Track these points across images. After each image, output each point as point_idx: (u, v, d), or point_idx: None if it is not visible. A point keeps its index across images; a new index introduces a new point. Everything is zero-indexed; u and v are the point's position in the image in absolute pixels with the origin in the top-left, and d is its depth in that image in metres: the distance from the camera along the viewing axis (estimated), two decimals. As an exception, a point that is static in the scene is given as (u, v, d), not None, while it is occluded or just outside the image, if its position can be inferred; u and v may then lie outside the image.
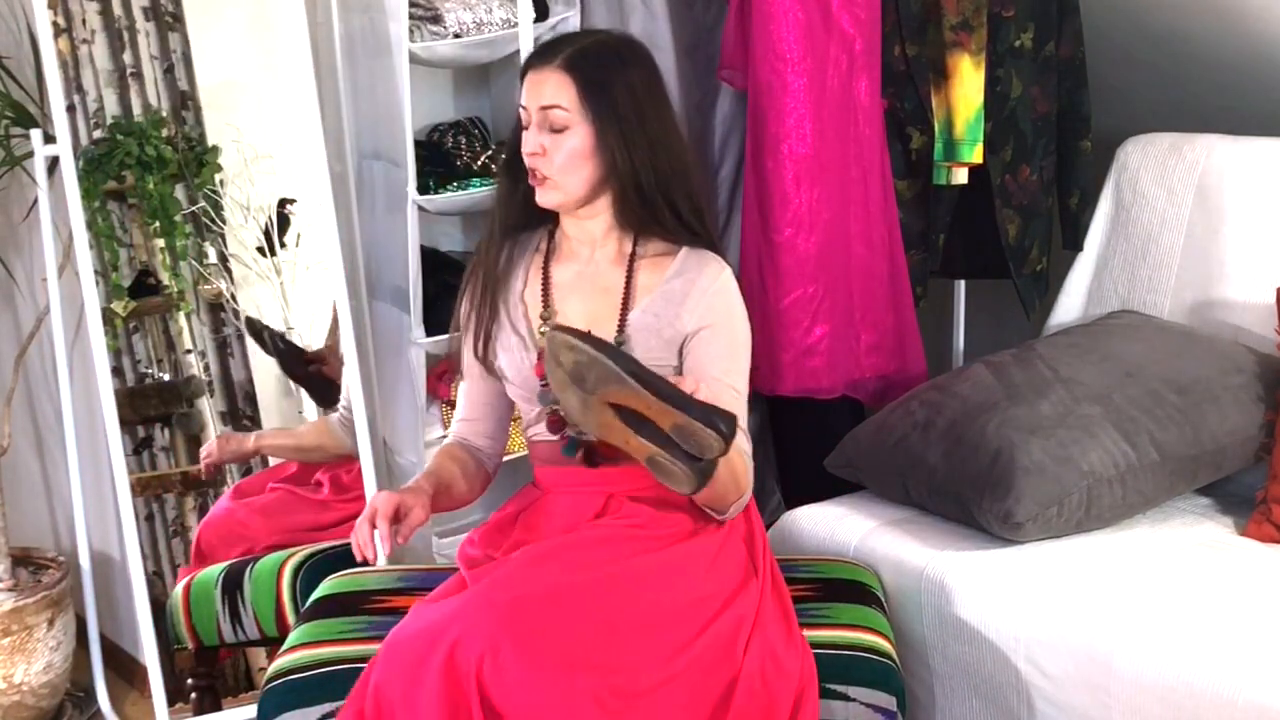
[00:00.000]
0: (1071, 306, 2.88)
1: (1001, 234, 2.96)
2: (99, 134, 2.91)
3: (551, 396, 2.04)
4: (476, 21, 2.78)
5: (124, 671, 3.17)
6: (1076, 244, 2.95)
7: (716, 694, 1.89)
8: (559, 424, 2.10)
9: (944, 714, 2.29)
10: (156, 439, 3.04)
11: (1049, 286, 3.04)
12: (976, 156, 2.86)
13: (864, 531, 2.42)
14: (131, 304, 2.94)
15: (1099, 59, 2.99)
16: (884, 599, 2.27)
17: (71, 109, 2.82)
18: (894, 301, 2.89)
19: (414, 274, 2.74)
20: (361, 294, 2.95)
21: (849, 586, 2.25)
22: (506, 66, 2.89)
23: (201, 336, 3.04)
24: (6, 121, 2.87)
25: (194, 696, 2.81)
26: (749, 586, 2.01)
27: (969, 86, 2.84)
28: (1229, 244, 2.64)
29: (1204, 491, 2.48)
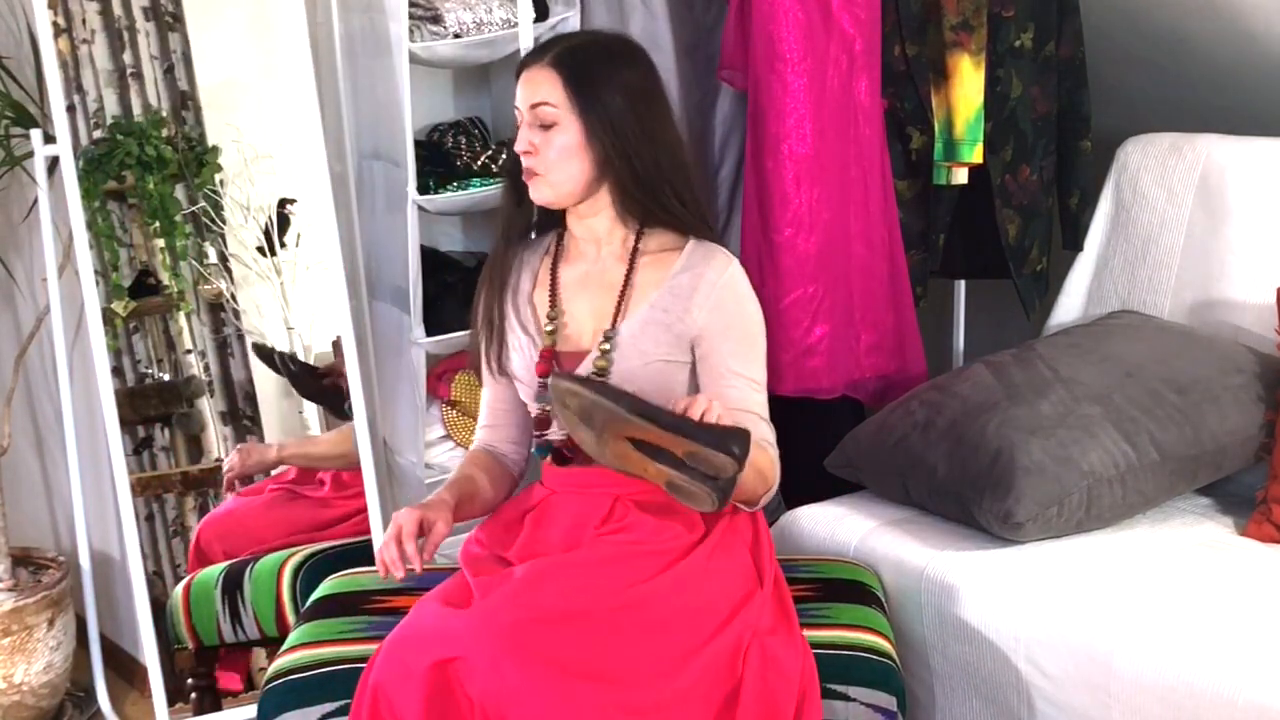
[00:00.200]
0: (1071, 306, 2.88)
1: (1001, 234, 2.96)
2: (99, 134, 2.91)
3: (549, 399, 2.05)
4: (476, 21, 2.78)
5: (124, 671, 3.17)
6: (1076, 244, 2.95)
7: (720, 702, 1.89)
8: (545, 424, 2.11)
9: (944, 714, 2.29)
10: (156, 439, 3.04)
11: (1049, 286, 3.04)
12: (976, 156, 2.86)
13: (864, 531, 2.42)
14: (131, 304, 2.94)
15: (1099, 59, 2.99)
16: (884, 599, 2.27)
17: (71, 109, 2.82)
18: (894, 301, 2.88)
19: (414, 274, 2.74)
20: (361, 294, 2.95)
21: (849, 586, 2.25)
22: (506, 66, 2.89)
23: (201, 336, 3.04)
24: (6, 121, 2.87)
25: (194, 696, 2.81)
26: (754, 599, 2.00)
27: (969, 86, 2.84)
28: (1229, 244, 2.63)
29: (1204, 491, 2.48)
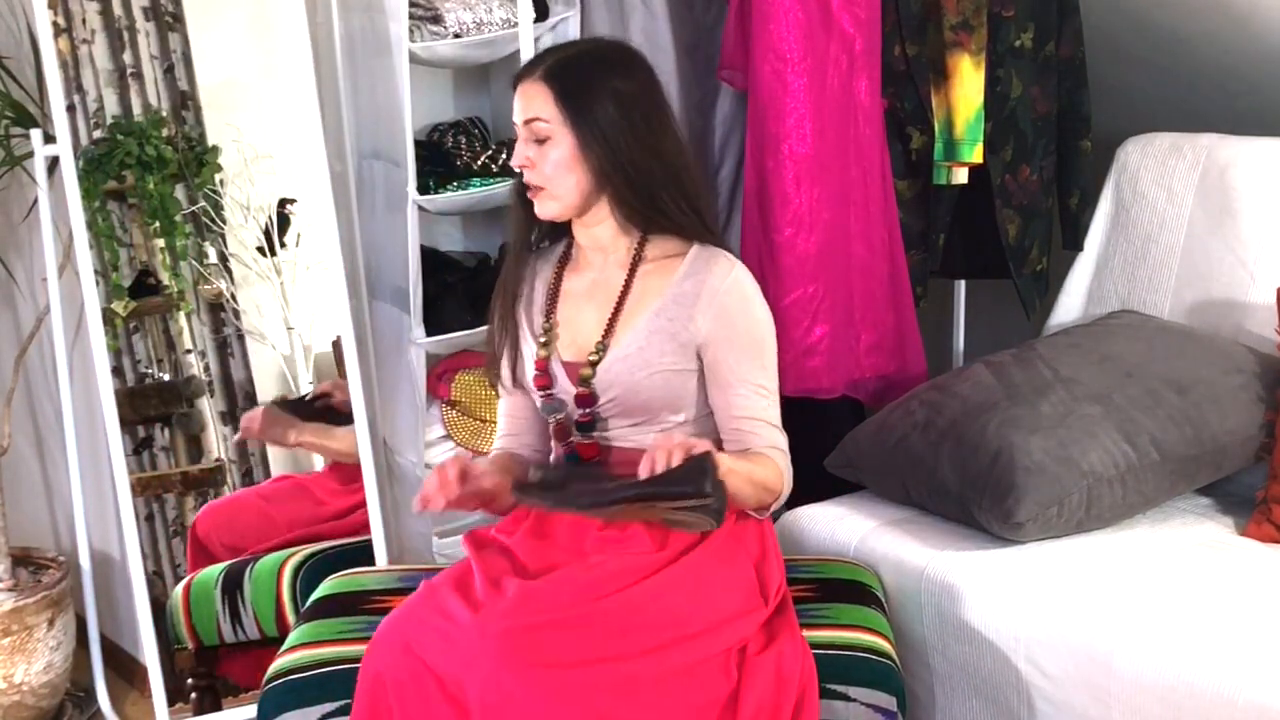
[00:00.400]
0: (1071, 306, 2.88)
1: (1001, 234, 2.95)
2: (99, 134, 2.91)
3: (552, 407, 2.11)
4: (476, 21, 2.78)
5: (124, 671, 3.17)
6: (1076, 244, 2.95)
7: (719, 706, 1.89)
8: (564, 433, 2.13)
9: (944, 714, 2.29)
10: (156, 439, 3.04)
11: (1049, 286, 3.04)
12: (976, 156, 2.86)
13: (864, 531, 2.42)
14: (131, 304, 2.94)
15: (1099, 59, 2.99)
16: (884, 599, 2.27)
17: (71, 109, 2.82)
18: (894, 301, 2.88)
19: (414, 274, 2.74)
20: (361, 294, 2.95)
21: (849, 587, 2.25)
22: (506, 66, 2.89)
23: (201, 336, 3.04)
24: (6, 121, 2.88)
25: (194, 696, 2.81)
26: (754, 613, 1.99)
27: (969, 86, 2.84)
28: (1229, 244, 2.63)
29: (1204, 491, 2.48)
